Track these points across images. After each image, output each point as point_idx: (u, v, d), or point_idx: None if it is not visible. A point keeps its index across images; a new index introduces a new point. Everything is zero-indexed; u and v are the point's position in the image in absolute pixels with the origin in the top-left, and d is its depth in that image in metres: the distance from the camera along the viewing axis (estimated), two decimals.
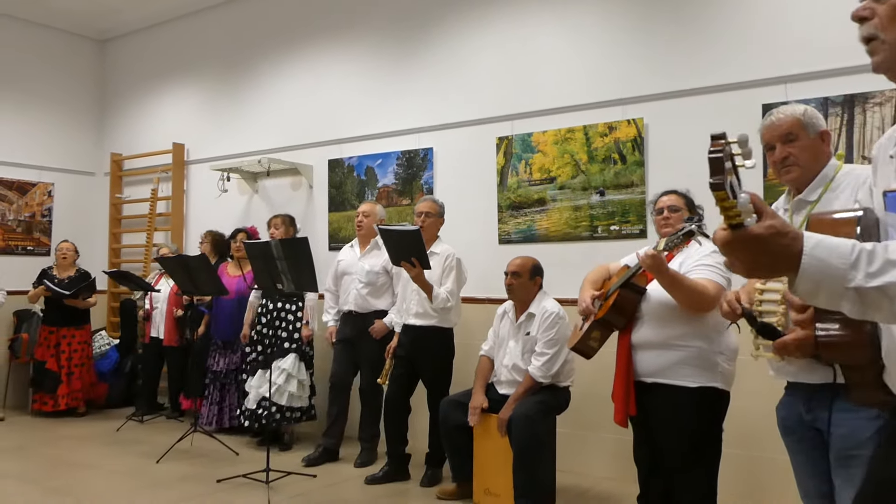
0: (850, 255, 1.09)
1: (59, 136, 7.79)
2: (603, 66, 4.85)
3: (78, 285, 6.60)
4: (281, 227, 5.49)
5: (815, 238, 1.12)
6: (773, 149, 2.40)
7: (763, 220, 1.12)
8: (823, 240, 1.12)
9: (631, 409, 3.06)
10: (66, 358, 6.58)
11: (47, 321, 6.69)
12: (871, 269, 1.08)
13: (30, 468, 4.94)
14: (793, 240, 1.11)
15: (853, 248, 1.10)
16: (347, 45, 6.18)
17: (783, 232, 1.11)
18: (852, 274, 1.09)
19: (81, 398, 6.64)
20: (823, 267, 1.10)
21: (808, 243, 1.11)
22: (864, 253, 1.09)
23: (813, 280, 1.11)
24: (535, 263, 4.12)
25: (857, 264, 1.09)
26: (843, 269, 1.09)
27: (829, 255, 1.10)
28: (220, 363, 5.79)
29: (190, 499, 4.23)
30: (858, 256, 1.09)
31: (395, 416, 4.62)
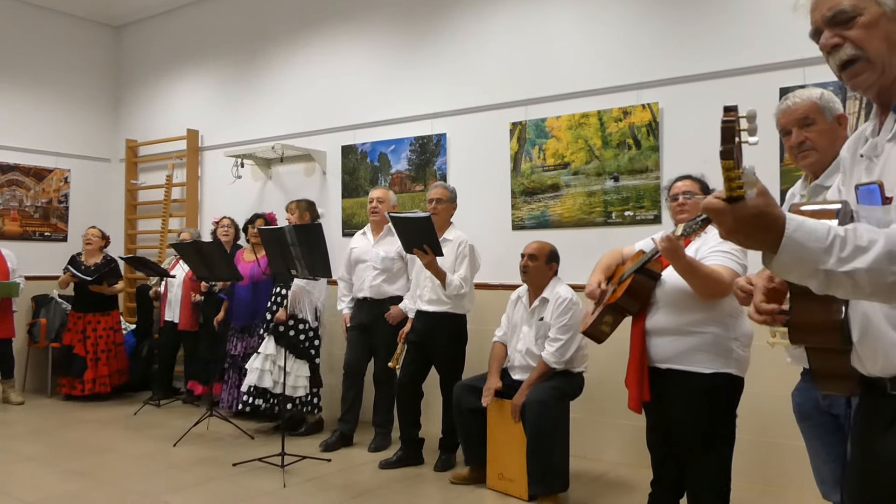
0: (825, 239, 1.17)
1: (75, 123, 7.84)
2: (617, 51, 4.81)
3: (102, 272, 6.66)
4: (296, 212, 5.47)
5: (796, 221, 1.19)
6: (790, 133, 2.38)
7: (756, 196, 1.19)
8: (803, 223, 1.19)
9: (645, 395, 3.05)
10: (92, 343, 6.65)
11: (76, 307, 6.78)
12: (843, 255, 1.16)
13: (48, 451, 5.00)
14: (775, 220, 1.18)
15: (828, 233, 1.18)
16: (361, 31, 6.16)
17: (769, 212, 1.18)
18: (825, 258, 1.17)
19: (108, 383, 6.71)
20: (800, 250, 1.18)
21: (790, 226, 1.18)
22: (838, 239, 1.17)
23: (788, 261, 1.19)
24: (552, 249, 4.12)
25: (830, 249, 1.17)
26: (818, 252, 1.17)
27: (807, 238, 1.18)
28: (237, 347, 5.81)
29: (206, 482, 4.28)
30: (832, 241, 1.17)
31: (408, 402, 4.64)
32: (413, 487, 4.24)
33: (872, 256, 1.15)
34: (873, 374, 1.36)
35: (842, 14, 1.38)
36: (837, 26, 1.38)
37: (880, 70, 1.37)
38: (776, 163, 4.11)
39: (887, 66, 1.36)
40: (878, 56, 1.36)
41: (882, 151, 1.37)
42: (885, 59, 1.36)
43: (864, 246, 1.16)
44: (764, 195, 1.19)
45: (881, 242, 1.17)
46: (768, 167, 4.14)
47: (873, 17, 1.35)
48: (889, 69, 1.36)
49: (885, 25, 1.35)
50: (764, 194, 1.19)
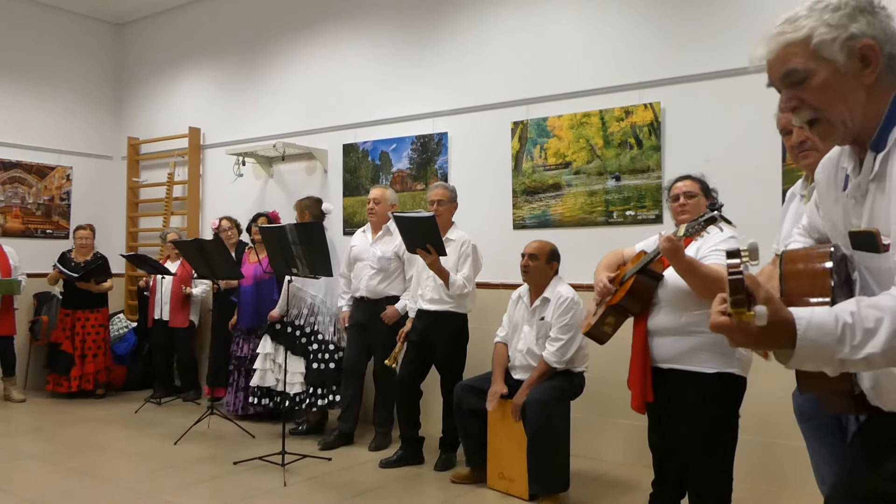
0: (835, 331, 1.19)
1: (77, 120, 7.84)
2: (619, 50, 4.80)
3: (89, 269, 6.66)
4: (298, 210, 5.48)
5: (804, 320, 1.20)
6: (790, 133, 2.37)
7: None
8: (811, 320, 1.20)
9: (648, 396, 3.05)
10: (80, 340, 6.66)
11: (65, 304, 6.79)
12: (855, 342, 1.18)
13: (50, 449, 5.01)
14: (786, 326, 1.20)
15: (837, 322, 1.19)
16: (363, 30, 6.15)
17: (779, 320, 1.20)
18: (839, 349, 1.18)
19: (94, 381, 6.71)
20: (815, 347, 1.20)
21: (800, 326, 1.19)
22: (848, 328, 1.18)
23: (805, 358, 1.22)
24: (553, 248, 4.11)
25: (843, 339, 1.18)
26: (832, 345, 1.19)
27: (819, 335, 1.19)
28: (243, 349, 5.79)
29: (207, 480, 4.28)
30: (843, 332, 1.18)
31: (408, 401, 4.63)
32: (413, 487, 4.24)
33: (884, 337, 1.17)
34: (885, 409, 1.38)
35: (794, 73, 1.37)
36: (793, 87, 1.38)
37: (842, 128, 1.36)
38: (778, 163, 4.10)
39: (849, 121, 1.35)
40: (837, 116, 1.35)
41: (868, 191, 1.36)
42: (845, 117, 1.35)
43: (872, 328, 1.17)
44: (770, 301, 1.20)
45: (888, 321, 1.17)
46: (769, 167, 4.13)
47: (824, 79, 1.34)
48: (853, 122, 1.35)
49: (839, 84, 1.33)
50: (769, 300, 1.20)
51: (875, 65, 1.32)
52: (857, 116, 1.35)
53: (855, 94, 1.34)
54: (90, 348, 6.69)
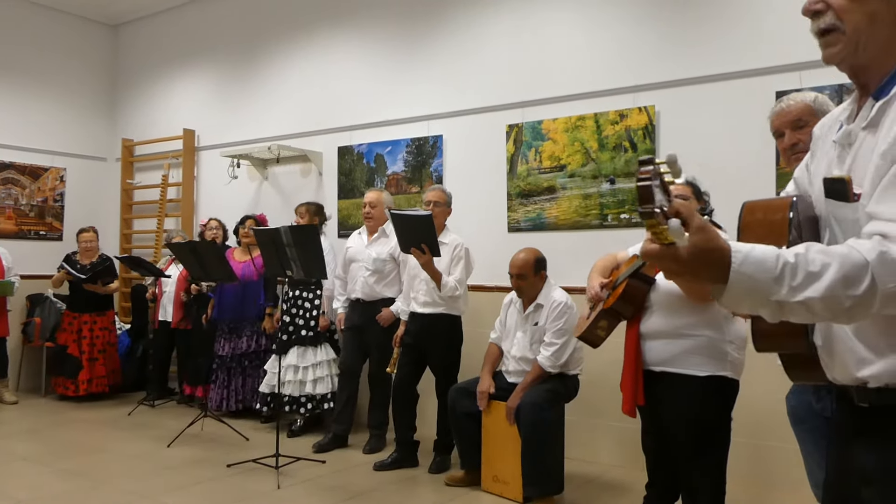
0: (774, 269, 1.12)
1: (71, 122, 7.82)
2: (614, 54, 4.81)
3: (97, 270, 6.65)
4: (305, 215, 5.51)
5: (742, 252, 1.13)
6: (783, 135, 2.39)
7: (691, 235, 1.14)
8: (750, 254, 1.13)
9: (639, 399, 3.06)
10: (88, 343, 6.64)
11: (71, 307, 6.77)
12: (794, 283, 1.12)
13: (42, 450, 4.99)
14: (720, 255, 1.14)
15: (777, 261, 1.13)
16: (358, 32, 6.16)
17: (710, 248, 1.13)
18: (776, 288, 1.12)
19: (106, 383, 6.70)
20: (750, 283, 1.13)
21: (736, 259, 1.13)
22: (788, 267, 1.12)
23: (738, 294, 1.15)
24: (537, 257, 4.08)
25: (781, 279, 1.12)
26: (768, 283, 1.12)
27: (755, 270, 1.13)
28: (225, 348, 5.83)
29: (200, 483, 4.27)
30: (782, 270, 1.12)
31: (403, 403, 4.63)
32: (408, 489, 4.24)
33: (826, 283, 1.11)
34: (837, 381, 1.34)
35: None
36: None
37: (854, 46, 1.29)
38: (772, 166, 4.12)
39: (862, 43, 1.28)
40: (855, 31, 1.28)
41: (855, 140, 1.30)
42: (863, 35, 1.28)
43: (816, 272, 1.11)
44: (703, 230, 1.14)
45: (834, 267, 1.11)
46: (763, 170, 4.15)
47: None
48: (865, 48, 1.28)
49: (873, 2, 1.27)
50: (703, 229, 1.14)
51: None
52: (871, 47, 1.28)
53: (883, 21, 1.27)
54: (100, 351, 6.68)
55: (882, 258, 1.10)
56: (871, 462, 1.28)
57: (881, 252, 1.11)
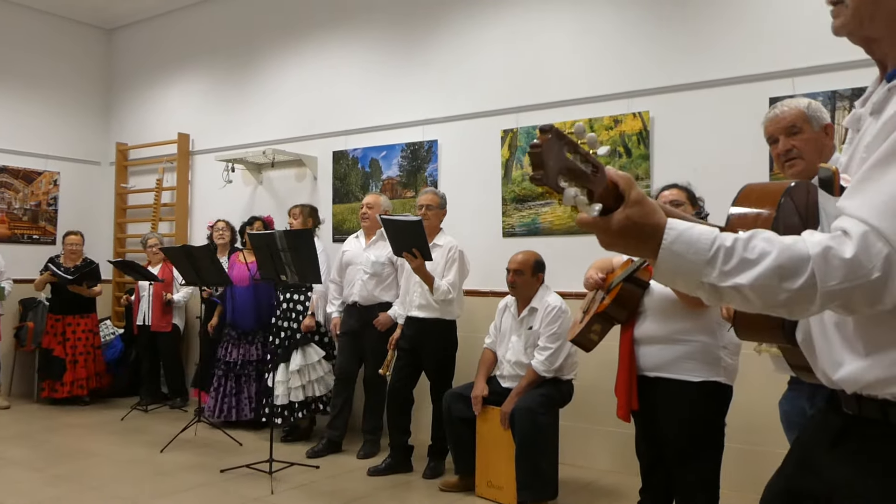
0: (707, 250, 1.08)
1: (66, 125, 7.80)
2: (609, 59, 4.83)
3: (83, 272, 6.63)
4: (299, 217, 5.48)
5: (675, 231, 1.10)
6: (777, 142, 2.40)
7: (624, 207, 1.11)
8: (684, 233, 1.10)
9: (633, 404, 3.06)
10: (71, 346, 6.62)
11: (53, 309, 6.74)
12: (726, 268, 1.08)
13: (34, 456, 4.97)
14: (654, 229, 1.11)
15: (712, 244, 1.08)
16: (353, 37, 6.16)
17: (645, 222, 1.11)
18: (707, 270, 1.08)
19: (86, 386, 6.67)
20: (679, 261, 1.10)
21: (668, 237, 1.10)
22: (723, 250, 1.08)
23: (668, 272, 1.12)
24: (537, 259, 4.11)
25: (713, 261, 1.08)
26: (699, 265, 1.09)
27: (687, 250, 1.09)
28: (233, 354, 5.72)
29: (193, 488, 4.25)
30: (716, 253, 1.08)
31: (398, 408, 4.62)
32: (402, 495, 4.23)
33: (759, 272, 1.06)
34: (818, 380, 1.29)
35: None
36: None
37: (858, 19, 1.22)
38: (765, 172, 4.13)
39: (867, 15, 1.22)
40: (857, 3, 1.22)
41: (862, 125, 1.23)
42: (866, 7, 1.21)
43: (752, 259, 1.07)
44: (639, 203, 1.11)
45: (772, 256, 1.06)
46: (757, 176, 4.16)
47: None
48: (871, 20, 1.22)
49: None
50: (638, 202, 1.11)
51: None
52: (879, 18, 1.21)
53: None
54: (81, 353, 6.66)
55: (826, 254, 1.04)
56: (841, 477, 1.21)
57: (826, 248, 1.05)
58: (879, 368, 1.14)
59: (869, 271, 1.02)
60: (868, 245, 1.03)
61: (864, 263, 1.02)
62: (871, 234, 1.03)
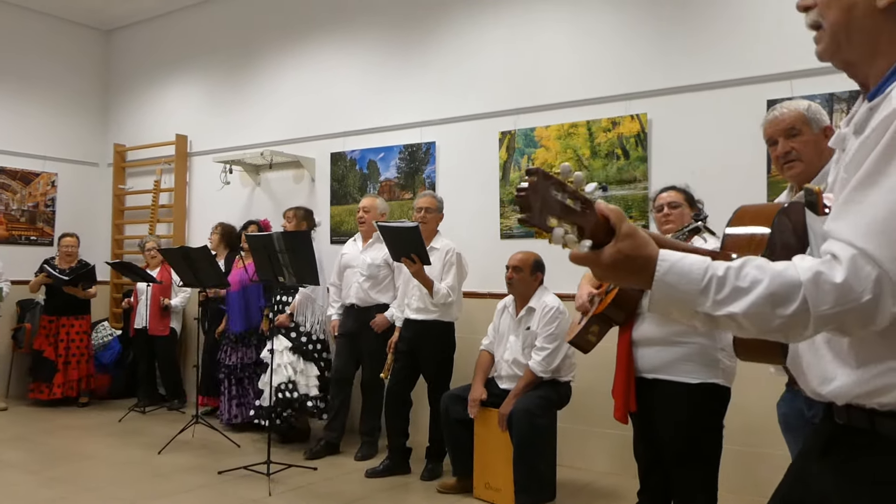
0: (700, 281, 1.10)
1: (64, 127, 7.79)
2: (607, 62, 4.83)
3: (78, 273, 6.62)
4: (293, 220, 5.46)
5: (668, 262, 1.12)
6: (776, 144, 2.40)
7: (616, 241, 1.13)
8: (676, 264, 1.11)
9: (631, 406, 3.06)
10: (65, 347, 6.61)
11: (48, 310, 6.73)
12: (719, 297, 1.09)
13: (31, 458, 4.95)
14: (645, 262, 1.12)
15: (704, 274, 1.10)
16: (351, 39, 6.16)
17: (635, 256, 1.12)
18: (701, 300, 1.10)
19: (77, 388, 6.65)
20: (673, 292, 1.11)
21: (660, 269, 1.11)
22: (715, 279, 1.09)
23: (663, 303, 1.13)
24: (536, 259, 4.12)
25: (706, 291, 1.09)
26: (693, 295, 1.10)
27: (679, 280, 1.10)
28: (231, 357, 5.72)
29: (191, 490, 4.24)
30: (708, 283, 1.09)
31: (396, 410, 4.62)
32: (400, 496, 4.22)
33: (751, 300, 1.07)
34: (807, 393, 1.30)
35: None
36: None
37: (835, 43, 1.24)
38: (763, 174, 4.14)
39: (844, 39, 1.23)
40: (833, 26, 1.23)
41: (847, 145, 1.24)
42: (841, 31, 1.22)
43: (744, 287, 1.08)
44: (630, 237, 1.13)
45: (763, 284, 1.07)
46: (755, 178, 4.17)
47: None
48: (848, 43, 1.23)
49: None
50: (630, 235, 1.13)
51: None
52: (855, 42, 1.22)
53: (861, 12, 1.20)
54: (74, 355, 6.64)
55: (817, 280, 1.05)
56: (831, 486, 1.23)
57: (817, 273, 1.05)
58: (870, 380, 1.15)
59: (860, 294, 1.03)
60: (857, 268, 1.04)
61: (855, 287, 1.04)
62: (860, 258, 1.04)
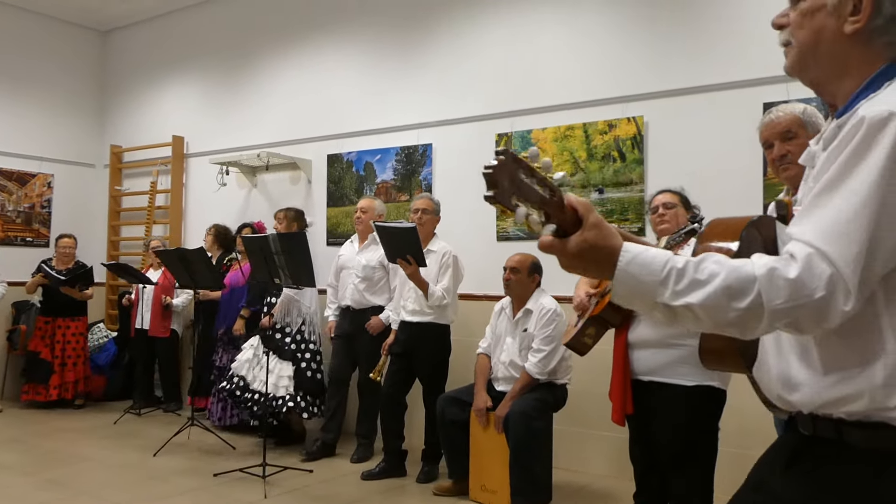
0: (660, 272, 1.12)
1: (60, 128, 7.78)
2: (603, 64, 4.84)
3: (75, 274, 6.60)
4: (283, 221, 5.45)
5: (631, 253, 1.14)
6: (772, 146, 2.40)
7: (582, 231, 1.16)
8: (639, 255, 1.14)
9: (628, 408, 3.06)
10: (61, 349, 6.59)
11: (44, 311, 6.70)
12: (678, 288, 1.11)
13: (26, 460, 4.94)
14: (609, 253, 1.15)
15: (665, 265, 1.13)
16: (348, 41, 6.16)
17: (601, 245, 1.15)
18: (660, 291, 1.12)
19: (73, 390, 6.63)
20: (634, 283, 1.14)
21: (623, 259, 1.14)
22: (674, 271, 1.12)
23: (624, 293, 1.16)
24: (534, 261, 4.12)
25: (665, 282, 1.12)
26: (653, 286, 1.13)
27: (641, 271, 1.13)
28: (223, 359, 5.73)
29: (187, 492, 4.23)
30: (668, 274, 1.12)
31: (392, 413, 4.62)
32: (395, 499, 4.21)
33: (708, 292, 1.10)
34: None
35: None
36: (793, 2, 1.31)
37: (803, 62, 1.29)
38: (759, 177, 4.14)
39: (811, 60, 1.27)
40: (801, 46, 1.28)
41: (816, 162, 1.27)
42: (809, 51, 1.27)
43: (702, 280, 1.11)
44: (596, 227, 1.16)
45: (721, 277, 1.10)
46: (751, 181, 4.17)
47: (813, 5, 1.25)
48: (816, 64, 1.28)
49: (822, 19, 1.24)
50: (596, 226, 1.16)
51: (862, 15, 1.20)
52: (823, 63, 1.27)
53: (829, 35, 1.24)
54: (70, 357, 6.62)
55: (771, 275, 1.08)
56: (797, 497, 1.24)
57: (772, 269, 1.09)
58: (836, 386, 1.17)
59: (812, 291, 1.06)
60: (812, 266, 1.07)
61: (808, 283, 1.06)
62: (816, 256, 1.07)
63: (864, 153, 1.09)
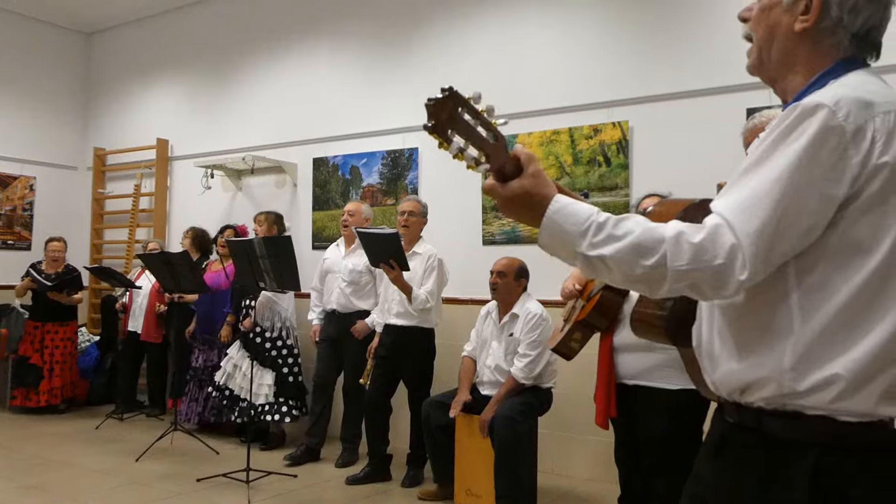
0: (583, 223, 1.19)
1: (42, 130, 7.70)
2: (589, 69, 4.86)
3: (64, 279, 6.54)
4: (264, 224, 5.45)
5: (560, 203, 1.21)
6: None
7: (521, 178, 1.23)
8: (567, 206, 1.21)
9: (612, 411, 3.07)
10: (49, 354, 6.52)
11: (33, 316, 6.63)
12: (595, 240, 1.17)
13: (6, 465, 4.88)
14: (542, 200, 1.22)
15: (588, 218, 1.19)
16: (334, 44, 6.15)
17: (535, 192, 1.22)
18: (579, 241, 1.18)
19: (60, 395, 6.57)
20: (558, 230, 1.20)
21: (552, 208, 1.21)
22: (595, 224, 1.18)
23: (548, 240, 1.22)
24: (521, 265, 4.12)
25: (585, 233, 1.18)
26: (574, 235, 1.19)
27: (565, 220, 1.20)
28: (199, 360, 5.75)
29: (169, 498, 4.20)
30: (589, 226, 1.18)
31: (376, 417, 4.60)
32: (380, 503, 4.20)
33: (619, 246, 1.16)
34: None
35: None
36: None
37: (760, 58, 1.33)
38: None
39: (766, 55, 1.32)
40: (759, 41, 1.32)
41: None
42: (764, 47, 1.32)
43: (617, 235, 1.17)
44: (534, 176, 1.22)
45: (634, 234, 1.16)
46: None
47: (771, 1, 1.30)
48: (769, 60, 1.32)
49: (777, 15, 1.29)
50: (534, 175, 1.22)
51: (811, 16, 1.25)
52: (775, 59, 1.31)
53: (782, 32, 1.29)
54: (58, 362, 6.55)
55: (678, 238, 1.14)
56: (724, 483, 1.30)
57: (680, 232, 1.15)
58: (749, 369, 1.22)
59: (712, 257, 1.12)
60: (717, 235, 1.13)
61: (709, 250, 1.12)
62: (723, 227, 1.14)
63: (786, 138, 1.15)
